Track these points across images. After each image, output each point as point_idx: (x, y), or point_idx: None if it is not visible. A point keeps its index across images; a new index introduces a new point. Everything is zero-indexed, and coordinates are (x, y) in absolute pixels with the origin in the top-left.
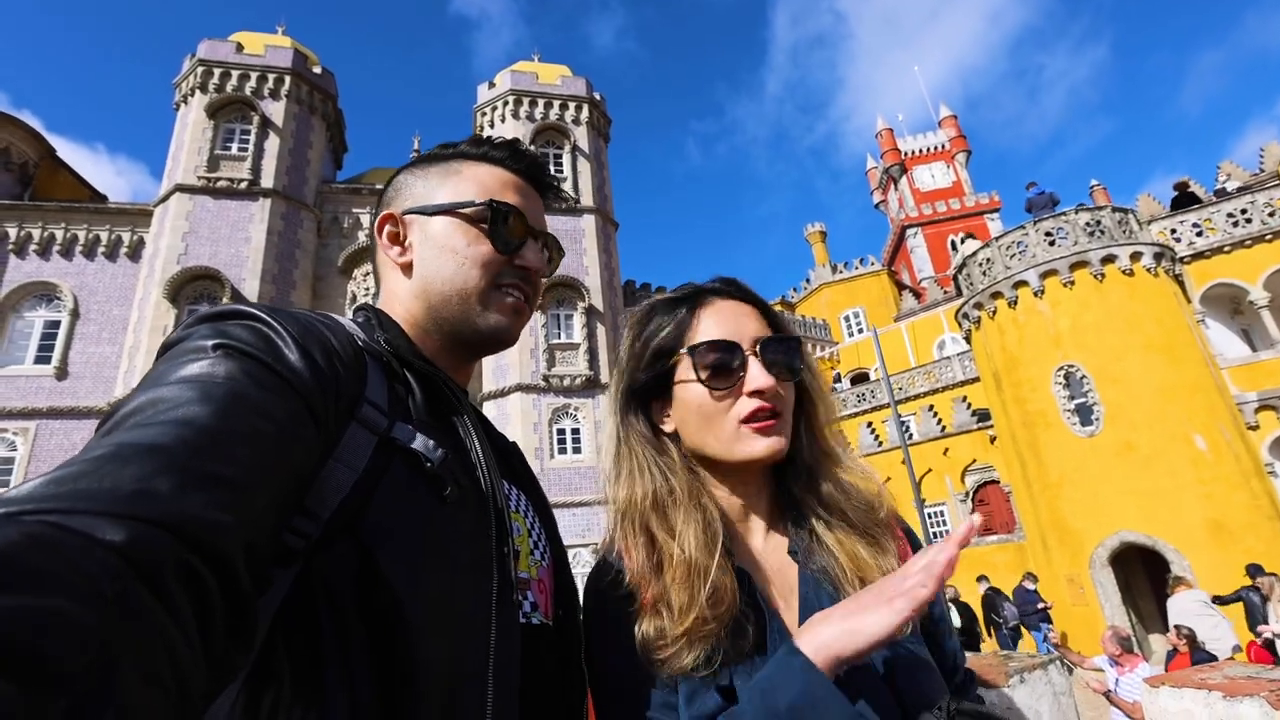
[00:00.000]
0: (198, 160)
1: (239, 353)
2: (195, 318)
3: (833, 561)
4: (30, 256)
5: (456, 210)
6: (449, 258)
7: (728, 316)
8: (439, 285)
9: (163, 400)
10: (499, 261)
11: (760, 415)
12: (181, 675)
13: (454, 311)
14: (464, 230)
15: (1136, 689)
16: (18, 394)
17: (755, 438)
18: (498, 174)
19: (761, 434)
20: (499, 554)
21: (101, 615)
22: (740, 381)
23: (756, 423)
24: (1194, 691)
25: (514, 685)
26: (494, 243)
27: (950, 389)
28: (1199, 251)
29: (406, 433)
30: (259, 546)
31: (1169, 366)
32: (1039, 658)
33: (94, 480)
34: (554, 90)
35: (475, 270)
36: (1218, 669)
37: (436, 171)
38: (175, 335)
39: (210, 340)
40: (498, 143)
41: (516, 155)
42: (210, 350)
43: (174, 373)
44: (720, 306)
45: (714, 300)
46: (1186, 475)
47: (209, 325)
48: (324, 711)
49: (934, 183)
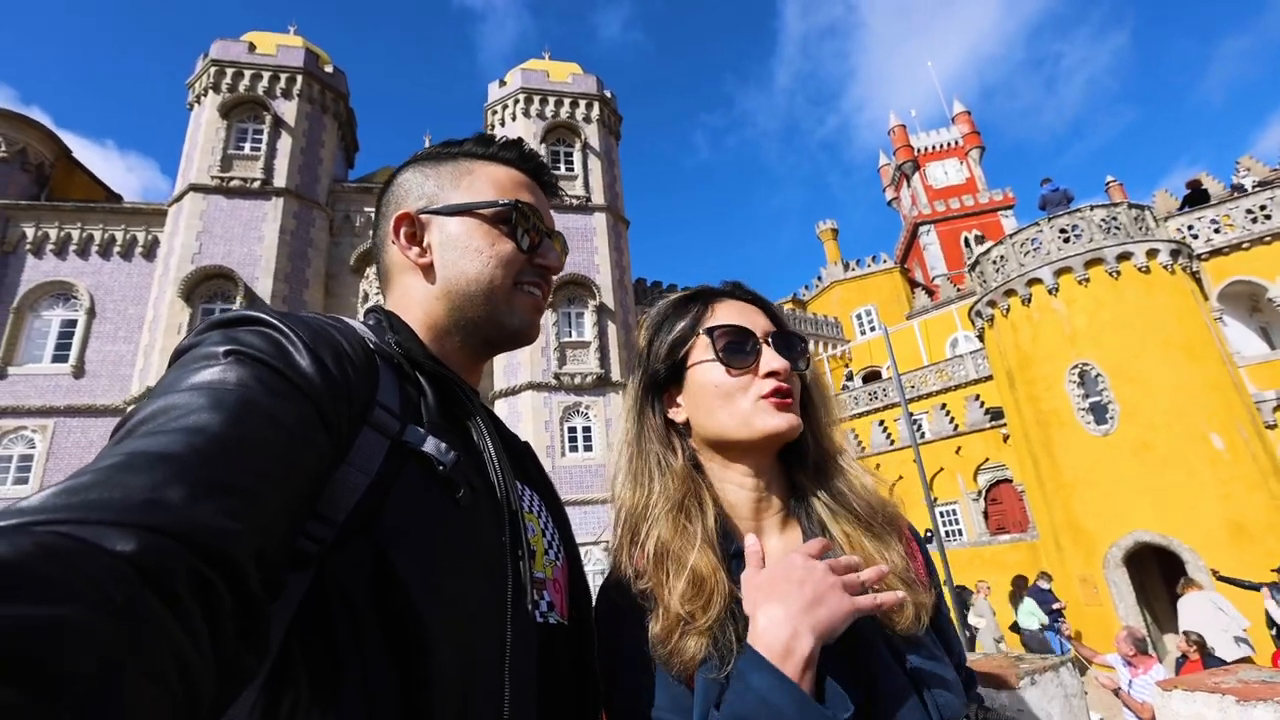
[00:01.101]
0: (211, 160)
1: (250, 359)
2: (207, 324)
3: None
4: (47, 256)
5: (477, 210)
6: (473, 258)
7: (739, 311)
8: (463, 285)
9: (174, 408)
10: (521, 260)
11: (779, 393)
12: (190, 682)
13: (480, 311)
14: (486, 230)
15: (1148, 690)
16: (36, 392)
17: (775, 412)
18: (511, 174)
19: (781, 410)
20: (513, 554)
21: (110, 624)
22: (756, 363)
23: (776, 399)
24: (1207, 695)
25: (530, 685)
26: (517, 242)
27: (963, 387)
28: (1217, 248)
29: (419, 436)
30: (271, 553)
31: (1186, 365)
32: (1051, 659)
33: (105, 490)
34: (565, 88)
35: (500, 269)
36: (1231, 672)
37: (448, 171)
38: (187, 341)
39: (222, 346)
40: (505, 142)
41: (525, 156)
42: (222, 356)
43: (185, 379)
44: (730, 303)
45: (724, 298)
46: (1204, 475)
47: (220, 331)
48: (341, 714)
49: (947, 179)
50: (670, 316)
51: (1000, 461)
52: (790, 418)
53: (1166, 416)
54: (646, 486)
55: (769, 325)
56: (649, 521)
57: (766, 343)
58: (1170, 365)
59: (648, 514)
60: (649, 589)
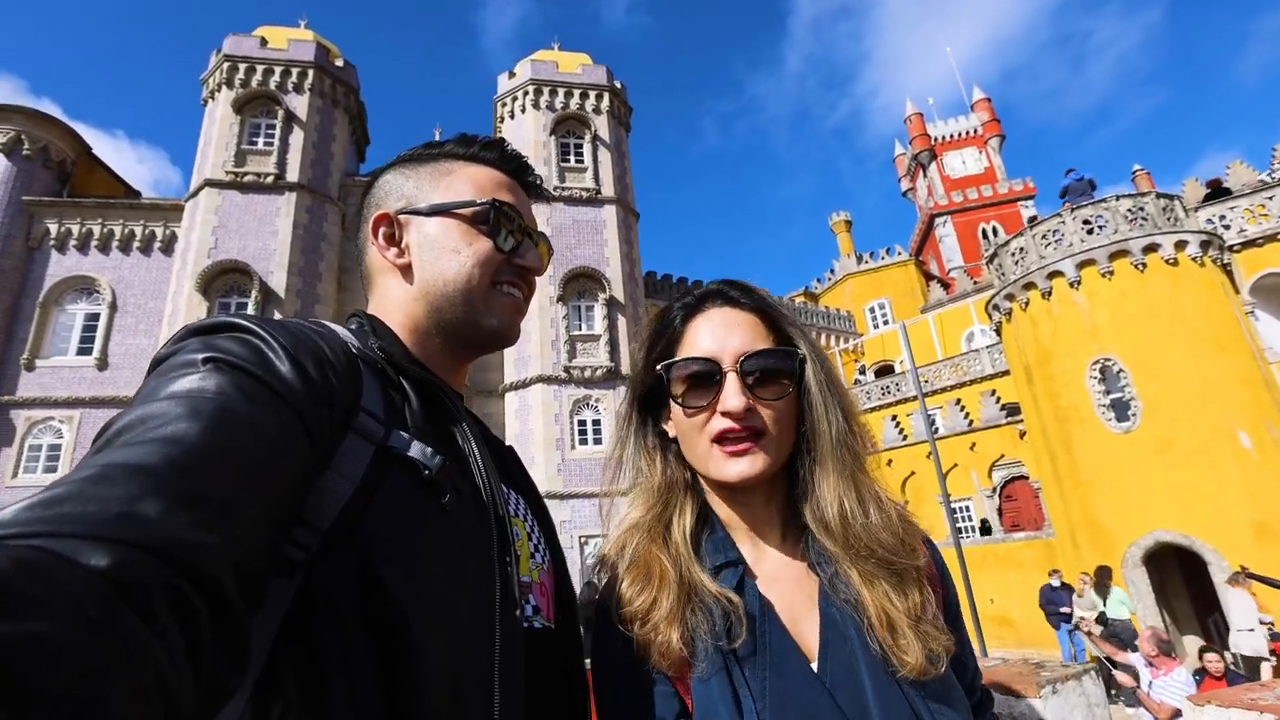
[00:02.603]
0: (225, 155)
1: (229, 366)
2: (185, 330)
3: (857, 599)
4: (70, 251)
5: (454, 210)
6: (450, 258)
7: (717, 327)
8: (440, 286)
9: (151, 418)
10: (499, 260)
11: (730, 436)
12: (170, 697)
13: (457, 312)
14: (464, 230)
15: (1168, 692)
16: (62, 384)
17: (724, 460)
18: (490, 174)
19: (733, 456)
20: (500, 559)
21: (87, 640)
22: (716, 398)
23: (726, 445)
24: (1242, 713)
25: (519, 689)
26: (495, 242)
27: (978, 382)
28: (1250, 239)
29: (403, 441)
30: (250, 564)
31: (1214, 360)
32: (1073, 667)
33: (79, 503)
34: (574, 79)
35: (477, 269)
36: (1269, 688)
37: (428, 172)
38: (165, 350)
39: (200, 354)
40: (486, 142)
41: (506, 156)
42: (200, 364)
43: (163, 389)
44: (713, 316)
45: (709, 309)
46: (1230, 473)
47: (199, 339)
48: None
49: (965, 169)
50: (653, 334)
51: (1016, 458)
52: (744, 466)
53: (1191, 413)
54: (629, 496)
55: (752, 340)
56: (622, 529)
57: (736, 369)
58: (1197, 360)
59: (623, 522)
60: (623, 592)
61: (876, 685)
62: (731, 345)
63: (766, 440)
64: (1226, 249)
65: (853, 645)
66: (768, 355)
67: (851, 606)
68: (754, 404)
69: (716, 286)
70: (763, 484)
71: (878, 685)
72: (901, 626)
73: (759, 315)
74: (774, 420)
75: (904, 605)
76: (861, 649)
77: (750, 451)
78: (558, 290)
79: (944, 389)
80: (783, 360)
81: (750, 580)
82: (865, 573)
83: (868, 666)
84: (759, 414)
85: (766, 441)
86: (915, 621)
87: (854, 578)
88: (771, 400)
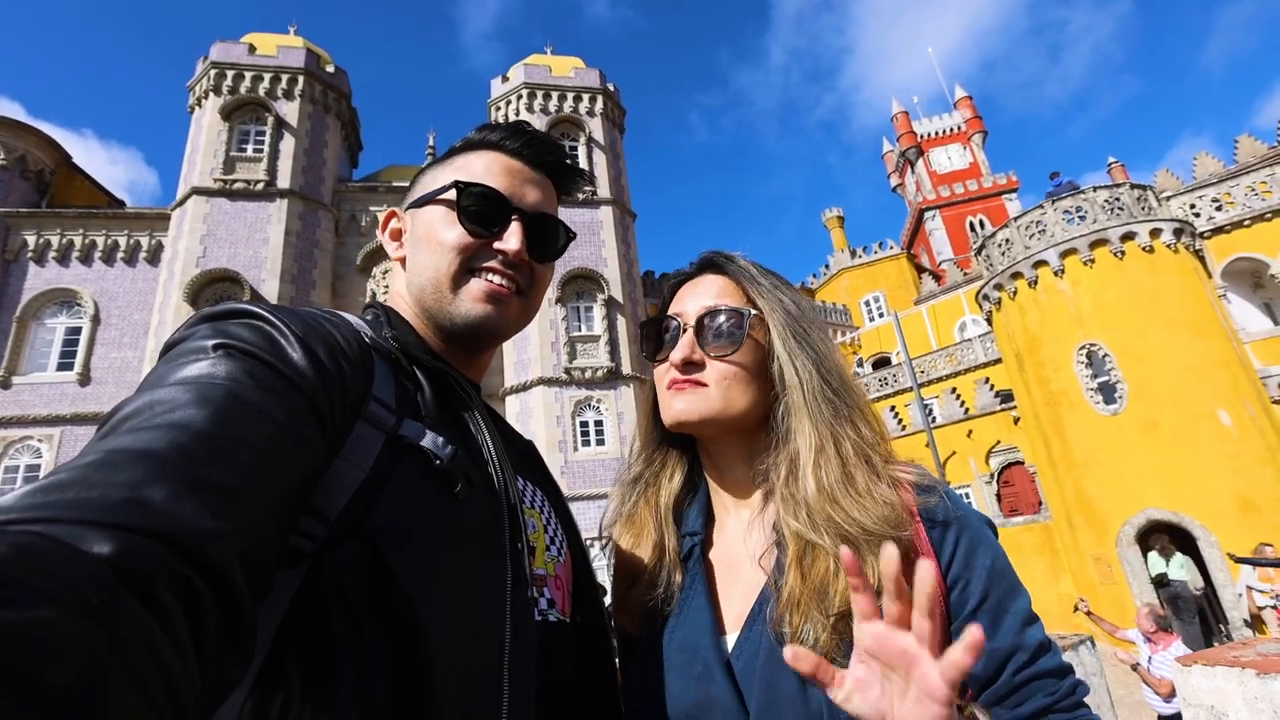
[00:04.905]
0: (214, 163)
1: (240, 352)
2: (196, 316)
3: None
4: (50, 264)
5: (435, 198)
6: (424, 246)
7: (692, 290)
8: (417, 276)
9: (159, 403)
10: (471, 245)
11: (676, 382)
12: (173, 685)
13: (430, 301)
14: (442, 216)
15: (1167, 667)
16: (41, 401)
17: (669, 400)
18: (490, 158)
19: (676, 396)
20: (512, 549)
21: (89, 627)
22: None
23: (673, 389)
24: (1227, 669)
25: (530, 684)
26: (464, 224)
27: (972, 371)
28: (1219, 226)
29: (415, 430)
30: (257, 551)
31: (1192, 342)
32: (1069, 638)
33: (83, 489)
34: (567, 82)
35: (445, 255)
36: (1250, 646)
37: (440, 164)
38: (176, 335)
39: (211, 340)
40: (495, 126)
41: (514, 136)
42: (210, 350)
43: (173, 374)
44: (695, 281)
45: (696, 276)
46: (1212, 451)
47: (210, 325)
48: (335, 714)
49: (951, 165)
50: (660, 303)
51: (1012, 444)
52: (681, 404)
53: (1174, 394)
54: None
55: (709, 303)
56: (624, 482)
57: (693, 326)
58: (1176, 343)
59: (624, 476)
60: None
61: (769, 667)
62: (695, 305)
63: (713, 389)
64: (1198, 235)
65: (763, 624)
66: (718, 313)
67: (778, 591)
68: (701, 357)
69: (703, 256)
70: (739, 447)
71: (770, 667)
72: (807, 607)
73: (734, 280)
74: (724, 373)
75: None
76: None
77: (690, 391)
78: (556, 292)
79: (940, 378)
80: (731, 317)
81: (698, 553)
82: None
83: (765, 651)
84: (710, 367)
85: (713, 389)
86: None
87: (792, 549)
88: (722, 353)
